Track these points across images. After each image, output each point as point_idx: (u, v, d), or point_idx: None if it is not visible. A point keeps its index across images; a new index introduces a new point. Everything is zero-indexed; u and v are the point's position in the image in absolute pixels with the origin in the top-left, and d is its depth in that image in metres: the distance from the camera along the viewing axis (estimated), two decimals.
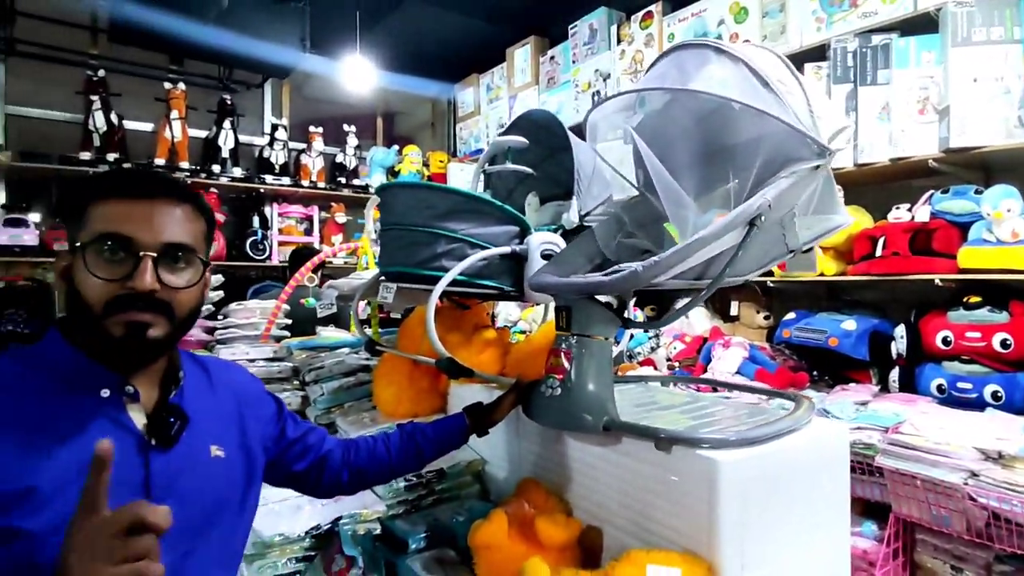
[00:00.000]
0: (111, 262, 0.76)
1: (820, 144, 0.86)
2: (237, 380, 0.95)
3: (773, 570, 0.80)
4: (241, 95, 4.01)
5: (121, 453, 0.73)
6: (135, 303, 0.76)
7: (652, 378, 1.37)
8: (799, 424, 0.87)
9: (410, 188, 1.27)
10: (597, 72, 3.11)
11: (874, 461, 1.64)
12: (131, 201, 0.78)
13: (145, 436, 0.78)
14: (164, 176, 0.86)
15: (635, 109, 1.06)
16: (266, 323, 1.99)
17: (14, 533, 0.68)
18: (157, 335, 0.77)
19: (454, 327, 1.36)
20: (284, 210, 4.12)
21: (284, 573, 0.98)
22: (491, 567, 0.86)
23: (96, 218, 0.77)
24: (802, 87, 0.91)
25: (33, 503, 0.69)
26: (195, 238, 0.82)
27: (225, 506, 0.85)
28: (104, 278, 0.75)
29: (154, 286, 0.76)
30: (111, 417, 0.77)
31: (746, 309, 2.66)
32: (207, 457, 0.84)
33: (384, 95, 4.77)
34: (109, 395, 0.78)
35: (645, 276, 0.81)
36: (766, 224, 0.84)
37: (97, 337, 0.77)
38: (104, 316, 0.75)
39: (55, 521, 0.68)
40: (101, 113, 3.39)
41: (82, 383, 0.77)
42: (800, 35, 2.24)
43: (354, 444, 1.01)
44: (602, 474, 0.92)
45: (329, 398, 1.46)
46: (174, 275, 0.79)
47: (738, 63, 0.89)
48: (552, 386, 0.92)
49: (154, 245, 0.77)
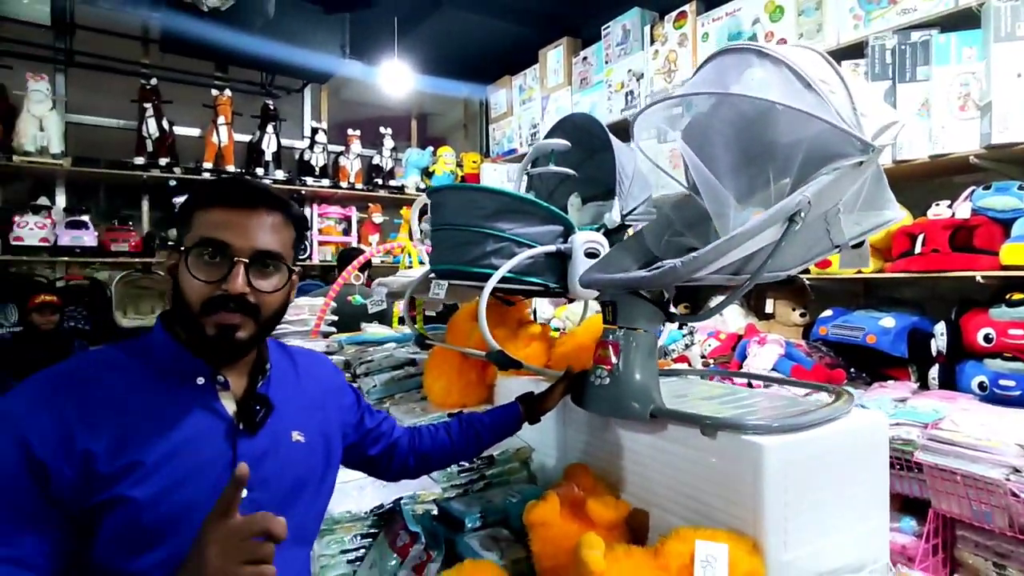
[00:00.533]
0: (209, 265, 0.83)
1: (863, 141, 0.87)
2: (322, 371, 1.03)
3: (814, 549, 0.84)
4: (282, 100, 4.15)
5: (213, 436, 0.85)
6: (227, 304, 0.83)
7: (690, 371, 1.41)
8: (839, 413, 0.91)
9: (460, 190, 1.34)
10: (630, 72, 3.15)
11: (913, 457, 1.65)
12: (230, 210, 0.85)
13: (234, 421, 0.86)
14: (261, 186, 0.91)
15: (683, 112, 1.11)
16: (315, 319, 2.09)
17: (122, 501, 0.76)
18: (243, 336, 0.84)
19: (500, 322, 1.43)
20: (324, 211, 4.24)
21: (350, 548, 1.06)
22: (545, 543, 0.92)
23: (200, 224, 0.84)
24: (846, 85, 0.93)
25: (138, 475, 0.77)
26: (284, 246, 0.89)
27: (303, 487, 0.92)
28: (202, 279, 0.82)
29: (244, 289, 0.83)
30: (205, 403, 0.85)
31: (782, 307, 2.66)
32: (288, 442, 0.91)
33: (418, 97, 4.87)
34: (204, 383, 0.86)
35: (684, 271, 0.85)
36: (808, 220, 0.86)
37: (193, 333, 0.85)
38: (201, 314, 0.83)
39: (156, 490, 0.77)
40: (153, 120, 3.56)
41: (181, 372, 0.85)
42: (837, 33, 2.24)
43: (418, 432, 1.09)
44: (648, 459, 0.98)
45: (381, 389, 1.54)
46: (263, 280, 0.85)
47: (780, 65, 0.93)
48: (600, 376, 0.97)
49: (247, 251, 0.83)
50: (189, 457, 0.82)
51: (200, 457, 0.83)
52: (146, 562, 0.78)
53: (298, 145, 4.26)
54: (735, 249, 0.84)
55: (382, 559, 1.00)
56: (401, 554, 0.98)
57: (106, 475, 0.76)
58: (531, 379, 1.29)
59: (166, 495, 0.78)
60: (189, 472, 0.81)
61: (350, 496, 1.09)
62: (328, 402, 0.99)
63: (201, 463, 0.82)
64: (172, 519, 0.79)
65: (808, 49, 0.96)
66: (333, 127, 4.41)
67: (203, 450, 0.83)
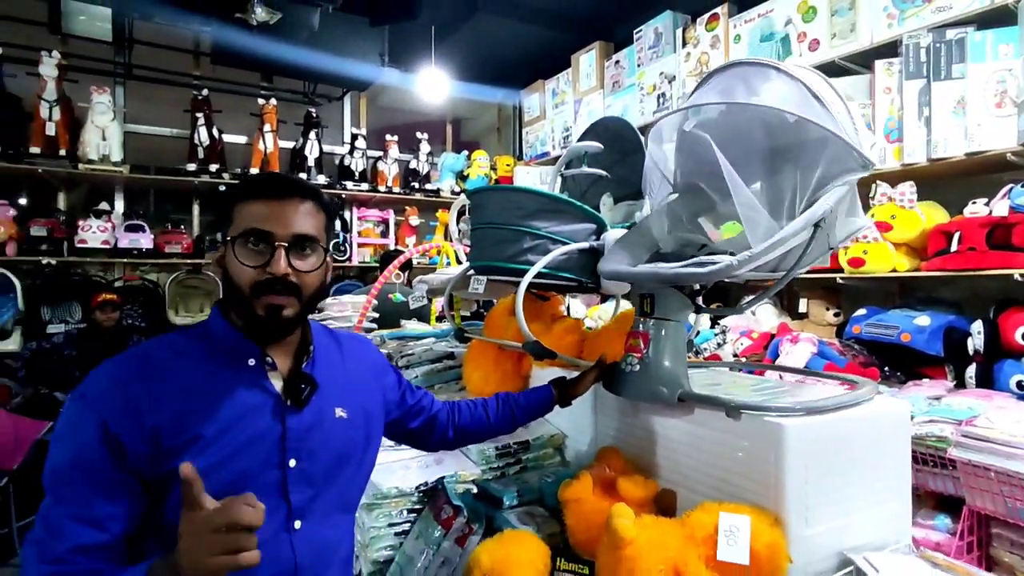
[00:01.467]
0: (254, 252, 0.91)
1: (865, 157, 0.94)
2: (365, 353, 1.11)
3: (835, 526, 0.89)
4: (324, 108, 4.31)
5: (263, 412, 0.93)
6: (274, 286, 0.91)
7: (720, 364, 1.46)
8: (860, 399, 0.95)
9: (500, 191, 1.42)
10: (662, 75, 3.19)
11: (947, 454, 1.65)
12: (268, 201, 0.93)
13: (282, 398, 0.94)
14: (293, 179, 1.00)
15: (687, 116, 1.17)
16: (358, 315, 2.20)
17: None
18: (290, 314, 0.93)
19: (535, 317, 1.50)
20: (363, 214, 4.39)
21: (397, 521, 1.14)
22: (579, 517, 0.99)
23: (242, 216, 0.93)
24: (846, 106, 0.99)
25: (198, 447, 0.86)
26: (318, 230, 0.97)
27: (346, 460, 1.00)
28: (249, 265, 0.91)
29: (287, 270, 0.91)
30: (256, 382, 0.94)
31: (815, 306, 2.67)
32: (332, 417, 0.98)
33: (454, 103, 4.99)
34: (254, 364, 0.94)
35: (739, 267, 0.92)
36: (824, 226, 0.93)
37: (244, 315, 0.93)
38: (251, 297, 0.91)
39: (214, 461, 0.86)
40: (204, 128, 3.75)
41: (234, 354, 0.94)
42: (871, 32, 2.25)
43: (457, 406, 1.17)
44: (676, 442, 1.03)
45: (422, 380, 1.63)
46: (302, 261, 0.93)
47: (796, 81, 0.99)
48: (631, 363, 1.04)
49: (286, 236, 0.92)
50: (242, 431, 0.90)
51: (252, 430, 0.91)
52: None
53: (339, 151, 4.41)
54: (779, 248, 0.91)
55: (427, 530, 1.08)
56: (445, 526, 1.06)
57: (171, 448, 0.85)
58: (564, 369, 1.36)
59: (223, 465, 0.87)
60: (243, 444, 0.89)
61: (396, 474, 1.17)
62: (371, 381, 1.07)
63: (253, 436, 0.90)
64: (229, 485, 0.85)
65: (811, 71, 1.02)
66: (372, 133, 4.55)
67: (254, 424, 0.91)
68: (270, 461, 0.91)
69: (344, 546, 1.01)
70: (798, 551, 0.84)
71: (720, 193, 1.09)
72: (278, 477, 0.91)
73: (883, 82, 2.19)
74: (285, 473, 0.92)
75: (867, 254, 2.19)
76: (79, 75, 3.55)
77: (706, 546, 0.81)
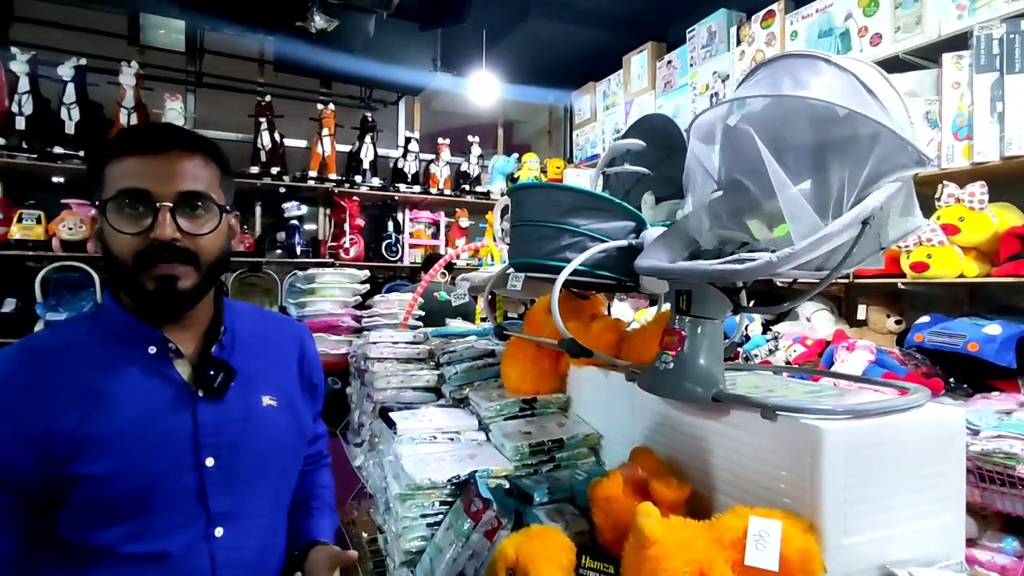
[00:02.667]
0: (132, 216, 0.78)
1: (921, 152, 0.90)
2: (302, 339, 1.02)
3: (877, 537, 0.85)
4: (379, 112, 4.44)
5: (169, 406, 0.81)
6: (161, 254, 0.78)
7: (764, 367, 1.41)
8: (908, 404, 0.90)
9: (539, 188, 1.42)
10: (715, 74, 3.12)
11: (1015, 471, 1.54)
12: (143, 157, 0.79)
13: (192, 388, 0.83)
14: (172, 128, 0.85)
15: (732, 110, 1.14)
16: (404, 313, 2.25)
17: (81, 479, 0.75)
18: (186, 286, 0.80)
19: (574, 315, 1.49)
20: (414, 216, 4.48)
21: (429, 512, 1.16)
22: (607, 516, 0.98)
23: (113, 177, 0.80)
24: (901, 99, 0.95)
25: (95, 449, 0.75)
26: (209, 185, 0.83)
27: (277, 454, 0.90)
28: (127, 232, 0.78)
29: (175, 235, 0.78)
30: (158, 372, 0.82)
31: (875, 313, 2.54)
32: (259, 407, 0.88)
33: (505, 106, 5.03)
34: (156, 352, 0.83)
35: (777, 265, 0.89)
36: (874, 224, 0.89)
37: (133, 292, 0.81)
38: (136, 270, 0.79)
39: (113, 464, 0.76)
40: (267, 133, 3.92)
41: (131, 341, 0.83)
42: (938, 24, 2.13)
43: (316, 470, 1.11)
44: (710, 444, 1.01)
45: (462, 376, 1.65)
46: (192, 223, 0.80)
47: (846, 73, 0.95)
48: (665, 361, 1.02)
49: (169, 195, 0.78)
50: (147, 428, 0.79)
51: (157, 428, 0.79)
52: (111, 536, 0.77)
53: (392, 154, 4.53)
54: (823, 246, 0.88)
55: (457, 521, 1.09)
56: (475, 518, 1.07)
57: (65, 454, 0.75)
58: (601, 368, 1.35)
59: (124, 470, 0.76)
60: (148, 444, 0.78)
61: (430, 466, 1.19)
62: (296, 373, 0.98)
63: (159, 434, 0.79)
64: (134, 492, 0.77)
65: (864, 63, 0.98)
66: (425, 136, 4.65)
67: (160, 421, 0.80)
68: (183, 461, 0.80)
69: (276, 551, 0.91)
70: (835, 560, 0.81)
71: (764, 190, 1.06)
72: (193, 479, 0.80)
73: (951, 76, 2.07)
74: (201, 474, 0.81)
75: (931, 258, 2.07)
76: (154, 83, 3.78)
77: (734, 550, 0.79)
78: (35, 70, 3.24)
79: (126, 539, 0.77)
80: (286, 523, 0.96)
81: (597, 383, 1.37)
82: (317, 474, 1.13)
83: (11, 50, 3.17)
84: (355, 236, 4.08)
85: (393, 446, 1.30)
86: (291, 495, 0.97)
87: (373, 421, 1.67)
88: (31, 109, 3.21)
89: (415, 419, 1.39)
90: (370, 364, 1.81)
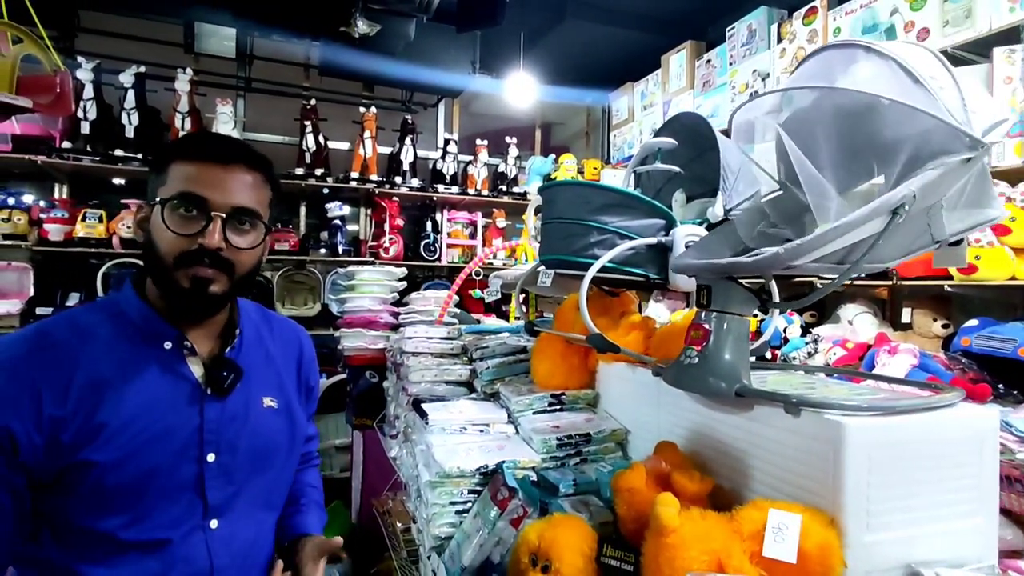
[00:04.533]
0: (186, 219, 0.81)
1: (972, 137, 0.85)
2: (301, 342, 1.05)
3: (902, 536, 0.84)
4: (419, 115, 4.53)
5: (178, 401, 0.84)
6: (202, 259, 0.81)
7: (798, 367, 1.40)
8: (938, 403, 0.89)
9: (571, 186, 1.45)
10: (755, 72, 3.07)
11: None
12: (208, 164, 0.83)
13: (202, 386, 0.86)
14: (239, 143, 0.89)
15: (781, 107, 1.13)
16: (439, 310, 2.30)
17: (88, 465, 0.77)
18: (217, 291, 0.84)
19: (603, 312, 1.51)
20: (452, 216, 4.55)
21: (458, 500, 1.20)
22: (630, 507, 0.99)
23: (176, 177, 0.82)
24: (956, 82, 0.91)
25: (102, 439, 0.78)
26: (261, 204, 0.87)
27: (272, 454, 0.93)
28: (178, 233, 0.81)
29: (221, 244, 0.82)
30: (172, 367, 0.85)
31: (921, 316, 2.46)
32: (259, 408, 0.91)
33: (543, 107, 5.06)
34: (171, 347, 0.86)
35: (785, 257, 0.88)
36: (912, 213, 0.86)
37: (165, 288, 0.83)
38: (175, 268, 0.81)
39: (120, 454, 0.78)
40: (311, 135, 4.05)
41: (148, 335, 0.85)
42: (989, 18, 2.05)
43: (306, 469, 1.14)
44: (734, 439, 1.01)
45: (493, 371, 1.68)
46: (239, 236, 0.84)
47: (887, 60, 0.93)
48: (690, 356, 1.03)
49: (225, 207, 0.82)
50: (154, 421, 0.81)
51: (165, 421, 0.82)
52: (113, 522, 0.79)
53: (432, 155, 4.61)
54: (839, 239, 0.86)
55: (484, 509, 1.13)
56: (501, 507, 1.10)
57: (73, 440, 0.76)
58: (629, 364, 1.36)
59: (130, 458, 0.79)
60: (154, 436, 0.81)
61: (460, 456, 1.23)
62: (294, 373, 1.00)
63: (167, 427, 0.82)
64: (136, 482, 0.79)
65: (918, 46, 0.95)
66: (464, 138, 4.72)
67: (169, 414, 0.82)
68: (186, 455, 0.83)
69: (266, 546, 0.94)
70: (856, 557, 0.80)
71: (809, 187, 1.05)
72: (194, 472, 0.83)
73: (1003, 71, 1.99)
74: (202, 468, 0.84)
75: (980, 260, 2.00)
76: (207, 89, 3.96)
77: (753, 542, 0.80)
78: (99, 78, 3.45)
79: (127, 526, 0.80)
80: (276, 522, 1.00)
81: (625, 379, 1.38)
82: (307, 473, 1.17)
83: (77, 59, 3.38)
84: (395, 236, 4.17)
85: (425, 436, 1.34)
86: (286, 493, 1.00)
87: (407, 413, 1.72)
88: (95, 115, 3.41)
89: (446, 411, 1.43)
90: (406, 358, 1.87)
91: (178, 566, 0.79)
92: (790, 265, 0.92)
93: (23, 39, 1.67)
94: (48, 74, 1.74)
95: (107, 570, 0.79)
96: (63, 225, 3.38)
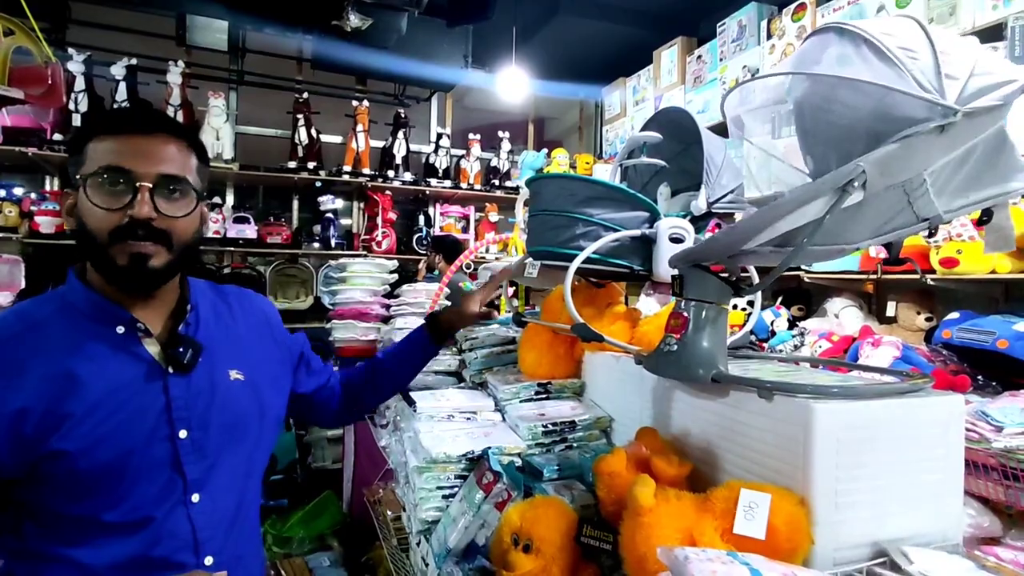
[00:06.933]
0: (111, 193, 0.80)
1: (944, 105, 0.79)
2: (260, 307, 1.07)
3: (869, 515, 0.87)
4: (412, 109, 4.54)
5: (140, 383, 0.84)
6: (135, 232, 0.80)
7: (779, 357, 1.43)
8: (906, 389, 0.92)
9: (556, 179, 1.48)
10: (745, 68, 3.10)
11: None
12: (127, 137, 0.82)
13: (161, 365, 0.86)
14: (158, 113, 0.89)
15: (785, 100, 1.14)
16: (430, 302, 2.32)
17: (59, 455, 0.79)
18: (157, 265, 0.83)
19: (589, 303, 1.54)
20: (445, 210, 4.57)
21: (445, 485, 1.23)
22: (610, 490, 1.02)
23: (96, 153, 0.81)
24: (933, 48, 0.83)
25: (68, 427, 0.78)
26: (188, 171, 0.86)
27: (245, 424, 0.94)
28: (105, 207, 0.79)
29: (151, 214, 0.80)
30: (128, 350, 0.85)
31: (905, 310, 2.50)
32: (226, 380, 0.92)
33: (535, 102, 5.08)
34: (124, 331, 0.85)
35: (724, 241, 0.90)
36: (876, 191, 0.82)
37: (105, 269, 0.83)
38: (109, 245, 0.80)
39: (89, 440, 0.79)
40: (304, 129, 4.06)
41: (99, 321, 0.85)
42: (972, 15, 2.09)
43: (343, 372, 1.21)
44: (710, 424, 1.04)
45: (481, 362, 1.71)
46: (170, 204, 0.83)
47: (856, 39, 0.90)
48: (670, 344, 1.06)
49: (150, 176, 0.80)
50: (120, 405, 0.81)
51: (132, 404, 0.82)
52: (92, 506, 0.80)
53: (424, 149, 4.62)
54: (779, 220, 0.83)
55: (470, 493, 1.15)
56: (486, 490, 1.13)
57: (35, 432, 0.77)
58: (614, 354, 1.39)
59: (100, 444, 0.79)
60: (123, 420, 0.81)
61: (447, 442, 1.26)
62: (267, 338, 1.02)
63: (134, 410, 0.82)
64: (111, 466, 0.80)
65: (904, 17, 0.91)
66: (456, 132, 4.73)
67: (133, 397, 0.83)
68: (157, 434, 0.84)
69: (251, 511, 0.96)
70: (825, 535, 0.83)
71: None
72: (168, 450, 0.84)
73: None
74: (176, 446, 0.85)
75: (961, 254, 2.03)
76: (199, 82, 3.95)
77: (724, 519, 0.83)
78: (90, 70, 3.44)
79: (108, 508, 0.81)
80: (260, 487, 1.02)
81: (609, 367, 1.41)
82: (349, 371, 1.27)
83: (68, 51, 3.37)
84: (387, 229, 4.19)
85: (413, 423, 1.37)
86: (267, 459, 1.01)
87: (397, 402, 1.75)
88: (86, 107, 3.40)
89: (434, 399, 1.46)
90: None
91: (163, 541, 0.81)
92: (743, 251, 0.93)
93: (14, 31, 1.68)
94: (39, 66, 1.75)
95: (94, 550, 0.81)
96: (54, 217, 3.38)
